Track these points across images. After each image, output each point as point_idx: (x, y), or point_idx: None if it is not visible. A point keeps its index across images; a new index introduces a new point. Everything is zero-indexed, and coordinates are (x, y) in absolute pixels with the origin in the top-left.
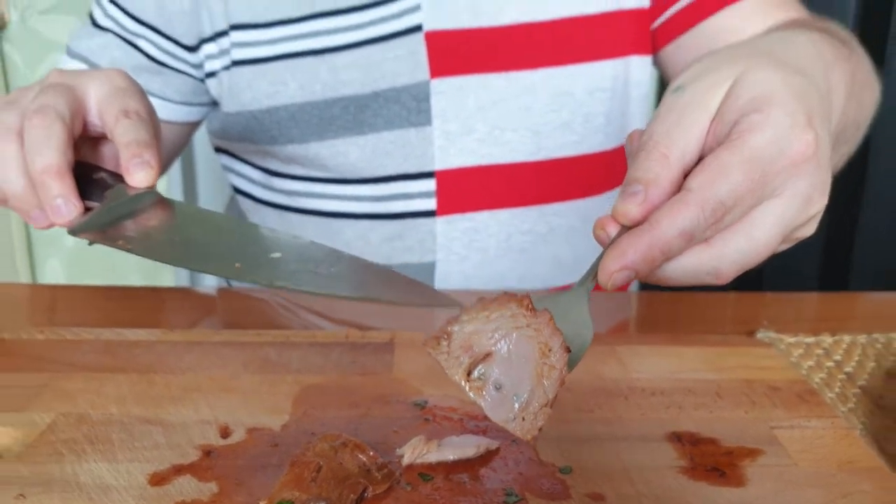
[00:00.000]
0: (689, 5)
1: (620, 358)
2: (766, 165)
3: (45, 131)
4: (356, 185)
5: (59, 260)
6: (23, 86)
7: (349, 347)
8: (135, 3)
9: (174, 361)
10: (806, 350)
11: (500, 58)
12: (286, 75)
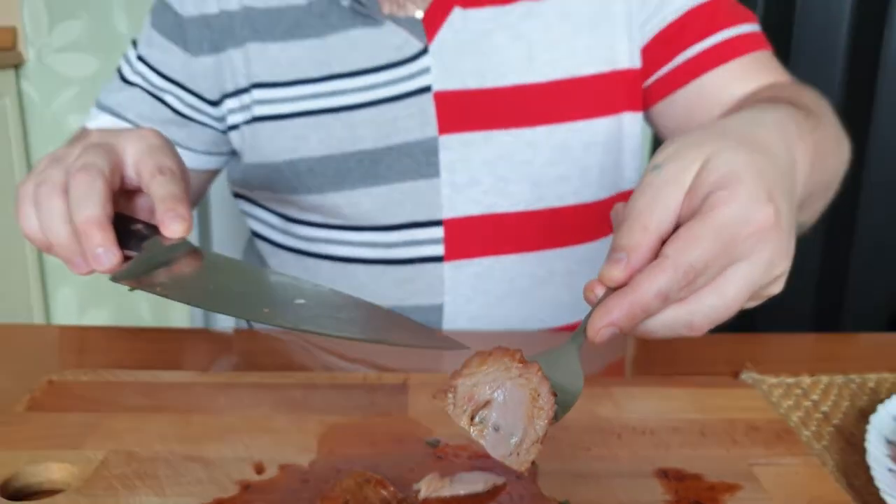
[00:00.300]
0: (677, 67)
1: (615, 398)
2: (732, 234)
3: (88, 187)
4: (370, 232)
5: (72, 288)
6: (38, 117)
7: (367, 389)
8: (162, 61)
9: (209, 402)
10: (786, 390)
11: (504, 116)
12: (306, 131)
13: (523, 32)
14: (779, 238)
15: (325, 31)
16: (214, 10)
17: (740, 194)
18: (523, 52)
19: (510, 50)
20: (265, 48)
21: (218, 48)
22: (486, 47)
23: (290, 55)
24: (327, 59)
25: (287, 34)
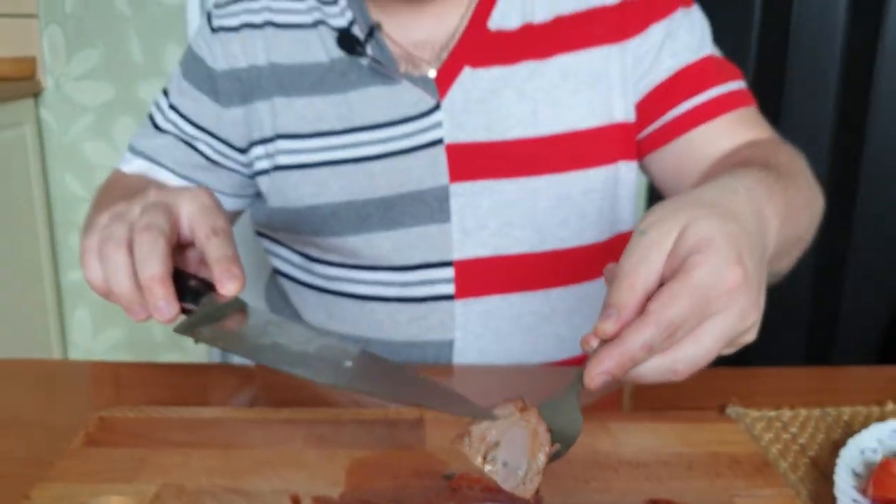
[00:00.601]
0: (668, 122)
1: (612, 433)
2: (706, 293)
3: (151, 246)
4: (386, 272)
5: (87, 309)
6: (56, 143)
7: (388, 424)
8: (194, 110)
9: (245, 437)
10: (767, 423)
11: (509, 166)
12: (328, 178)
13: (528, 90)
14: (748, 295)
15: (346, 88)
16: (243, 65)
17: (713, 258)
18: (528, 108)
19: (516, 106)
20: (291, 102)
21: (246, 100)
22: (494, 103)
23: (314, 109)
24: (348, 113)
25: (311, 89)
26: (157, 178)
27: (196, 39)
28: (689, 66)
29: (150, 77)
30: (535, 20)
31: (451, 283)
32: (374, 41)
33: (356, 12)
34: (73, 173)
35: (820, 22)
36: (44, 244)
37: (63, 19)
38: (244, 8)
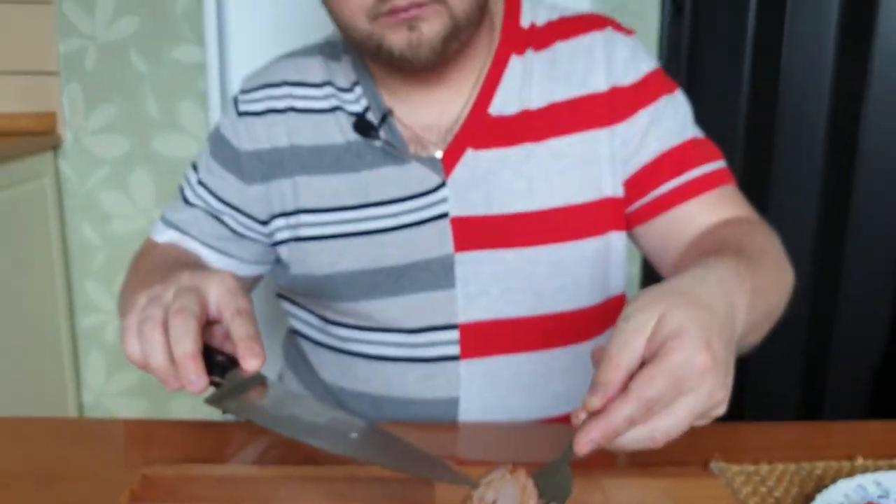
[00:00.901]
0: (653, 200)
1: (604, 489)
2: (679, 374)
3: (184, 327)
4: (396, 334)
5: (101, 354)
6: (73, 194)
7: (400, 482)
8: (220, 186)
9: (273, 493)
10: (747, 478)
11: (509, 237)
12: (343, 249)
13: (524, 170)
14: (715, 377)
15: (361, 167)
16: (266, 147)
17: (686, 343)
18: (524, 185)
19: (514, 183)
20: (311, 180)
21: (268, 178)
22: (494, 181)
23: (331, 186)
24: (363, 190)
25: (329, 168)
26: (186, 247)
27: (223, 121)
28: (673, 148)
29: (164, 131)
30: (532, 107)
31: (456, 344)
32: (387, 126)
33: (370, 100)
34: (89, 222)
35: (808, 72)
36: (60, 290)
37: (83, 76)
38: (268, 94)
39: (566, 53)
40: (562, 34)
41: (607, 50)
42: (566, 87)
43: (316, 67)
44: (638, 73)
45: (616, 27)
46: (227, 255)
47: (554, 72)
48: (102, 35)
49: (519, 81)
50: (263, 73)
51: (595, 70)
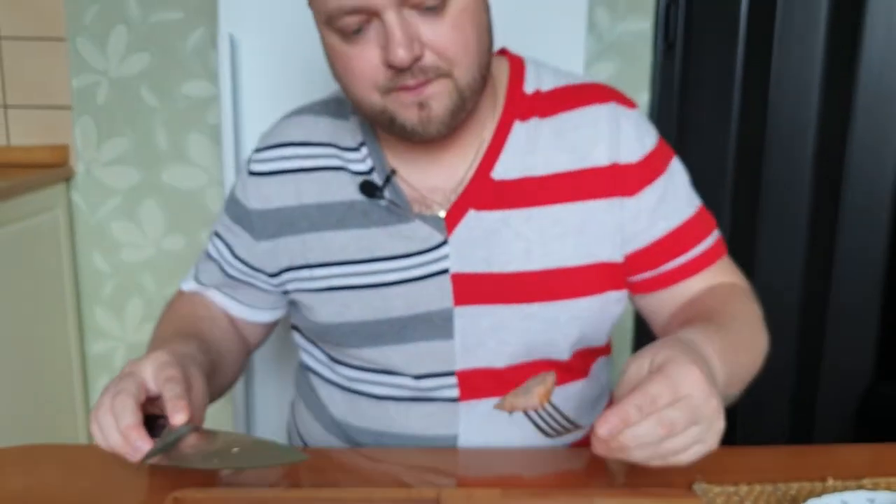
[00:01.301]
0: (657, 276)
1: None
2: (674, 381)
3: (123, 405)
4: (399, 377)
5: (109, 378)
6: (84, 224)
7: (410, 502)
8: (234, 242)
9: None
10: (727, 498)
11: (506, 294)
12: (350, 301)
13: (523, 232)
14: (707, 382)
15: (367, 224)
16: (275, 206)
17: (678, 360)
18: (522, 247)
19: (512, 244)
20: (319, 236)
21: (277, 235)
22: (494, 241)
23: (339, 242)
24: (369, 246)
25: (336, 225)
26: (206, 295)
27: (238, 181)
28: (678, 228)
29: (173, 162)
30: (534, 174)
31: (455, 388)
32: (391, 186)
33: (375, 161)
34: (99, 251)
35: (795, 106)
36: (71, 318)
37: (95, 110)
38: (277, 155)
39: (571, 125)
40: (567, 104)
41: (612, 126)
42: (569, 158)
43: (322, 127)
44: (643, 150)
45: (620, 100)
46: (243, 303)
47: (558, 142)
48: (114, 71)
49: (522, 148)
50: (274, 134)
51: (598, 144)
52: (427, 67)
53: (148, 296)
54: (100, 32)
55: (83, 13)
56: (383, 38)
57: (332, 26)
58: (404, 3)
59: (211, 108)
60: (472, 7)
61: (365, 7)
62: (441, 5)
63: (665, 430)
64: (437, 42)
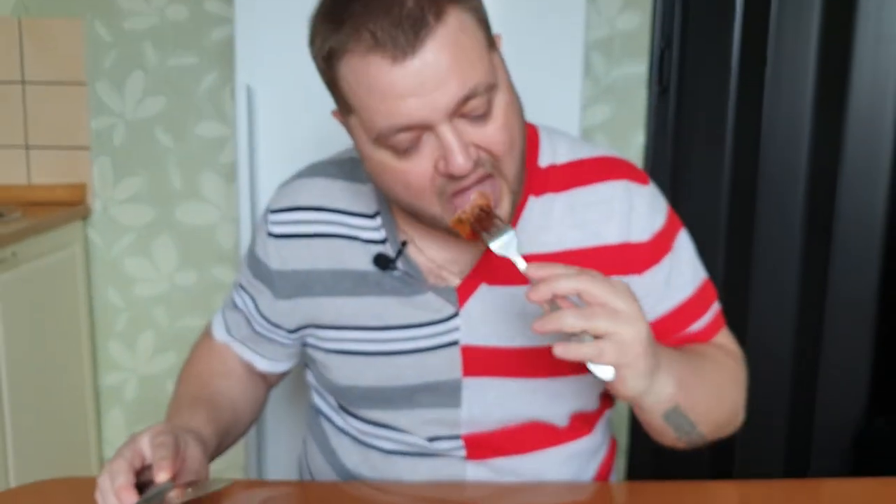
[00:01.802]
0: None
1: None
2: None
3: (118, 468)
4: (409, 435)
5: (121, 411)
6: (100, 260)
7: None
8: (257, 297)
9: None
10: None
11: (513, 368)
12: (363, 366)
13: (529, 309)
14: (641, 338)
15: (381, 293)
16: (292, 268)
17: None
18: (529, 323)
19: (520, 319)
20: (333, 301)
21: (296, 295)
22: (503, 316)
23: (351, 308)
24: (382, 314)
25: (350, 291)
26: (233, 349)
27: (257, 238)
28: (685, 302)
29: (186, 200)
30: (546, 250)
31: (462, 449)
32: (404, 257)
33: (388, 231)
34: (114, 286)
35: (786, 145)
36: (85, 351)
37: (111, 151)
38: (293, 218)
39: (584, 202)
40: (581, 180)
41: (624, 205)
42: (581, 235)
43: (336, 193)
44: (653, 228)
45: (632, 177)
46: (265, 357)
47: (571, 219)
48: (131, 113)
49: (536, 224)
50: (290, 195)
51: (610, 222)
52: (480, 166)
53: (160, 329)
54: (118, 77)
55: (103, 59)
56: (438, 149)
57: (382, 144)
58: (455, 114)
59: (223, 148)
60: (509, 102)
61: (419, 123)
62: (488, 111)
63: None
64: (488, 144)
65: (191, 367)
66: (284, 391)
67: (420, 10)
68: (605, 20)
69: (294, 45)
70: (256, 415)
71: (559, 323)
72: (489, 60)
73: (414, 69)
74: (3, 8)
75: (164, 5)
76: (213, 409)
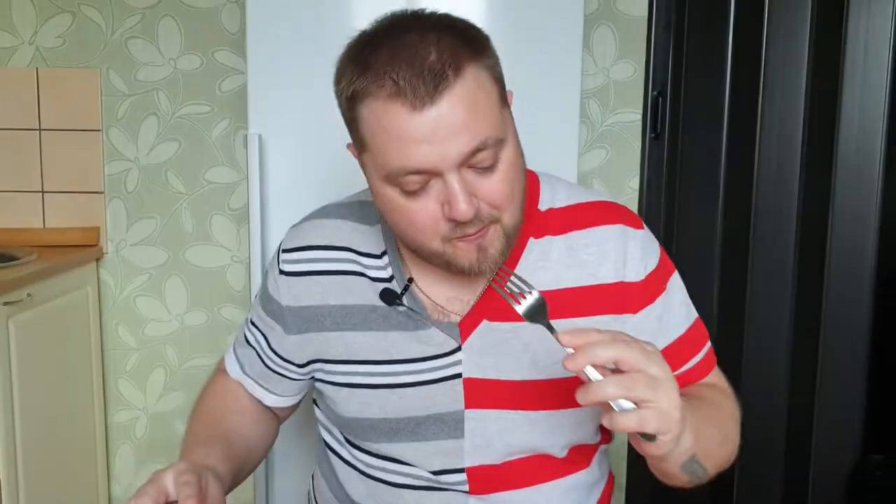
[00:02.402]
0: None
1: None
2: (657, 378)
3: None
4: (413, 468)
5: (130, 448)
6: (112, 300)
7: None
8: (268, 333)
9: None
10: None
11: (514, 400)
12: (370, 399)
13: (530, 343)
14: (677, 402)
15: (387, 328)
16: (303, 304)
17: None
18: (530, 357)
19: (521, 354)
20: (341, 335)
21: (305, 330)
22: (504, 350)
23: (359, 342)
24: (388, 348)
25: (357, 326)
26: (245, 386)
27: (270, 277)
28: (674, 343)
29: (198, 242)
30: (544, 288)
31: (465, 483)
32: (409, 294)
33: (395, 270)
34: (125, 326)
35: (779, 185)
36: (97, 388)
37: (125, 195)
38: (304, 257)
39: (581, 243)
40: (579, 224)
41: (619, 247)
42: (578, 274)
43: (344, 233)
44: (646, 270)
45: (627, 221)
46: (275, 393)
47: (569, 259)
48: (144, 159)
49: (535, 263)
50: (300, 235)
51: (606, 263)
52: (483, 216)
53: (170, 368)
54: (132, 124)
55: (118, 107)
56: (444, 194)
57: (391, 182)
58: (462, 165)
59: (233, 192)
60: (515, 156)
61: (429, 170)
62: (494, 163)
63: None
64: (490, 195)
65: (204, 403)
66: (293, 426)
67: (441, 65)
68: (600, 70)
69: (303, 97)
70: (267, 450)
71: (601, 394)
72: (500, 116)
73: (430, 119)
74: (22, 60)
75: (178, 56)
76: (227, 446)
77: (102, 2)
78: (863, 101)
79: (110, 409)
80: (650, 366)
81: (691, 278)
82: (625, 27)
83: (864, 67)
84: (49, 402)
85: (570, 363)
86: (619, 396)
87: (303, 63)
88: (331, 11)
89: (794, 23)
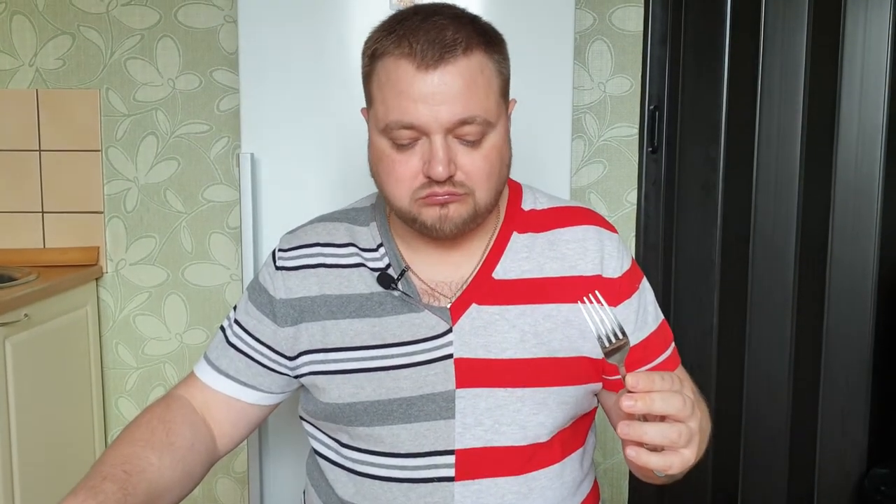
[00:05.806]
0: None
1: None
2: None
3: None
4: (401, 459)
5: None
6: (111, 319)
7: None
8: (256, 328)
9: None
10: None
11: (502, 379)
12: (363, 383)
13: (518, 324)
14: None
15: (381, 314)
16: (298, 296)
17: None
18: (517, 337)
19: (509, 334)
20: (337, 323)
21: (299, 321)
22: (492, 331)
23: (355, 329)
24: (382, 333)
25: (354, 313)
26: (218, 387)
27: (262, 273)
28: (646, 339)
29: (197, 261)
30: (529, 276)
31: (451, 468)
32: (405, 280)
33: (391, 259)
34: (124, 345)
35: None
36: (96, 408)
37: (124, 215)
38: (302, 254)
39: (563, 239)
40: (559, 223)
41: (597, 244)
42: (560, 265)
43: (342, 231)
44: (622, 269)
45: (603, 225)
46: (257, 389)
47: (551, 252)
48: (143, 178)
49: (519, 254)
50: (299, 236)
51: (585, 257)
52: (456, 184)
53: (170, 387)
54: (131, 144)
55: (117, 127)
56: (427, 154)
57: (386, 134)
58: (450, 132)
59: (232, 211)
60: (500, 145)
61: (419, 126)
62: (479, 140)
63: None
64: (469, 167)
65: (128, 433)
66: (285, 447)
67: (454, 42)
68: (596, 85)
69: (296, 115)
70: (186, 492)
71: (642, 436)
72: (496, 105)
73: (431, 81)
74: (22, 81)
75: (176, 76)
76: (123, 488)
77: (102, 23)
78: (861, 116)
79: (110, 428)
80: (691, 419)
81: (691, 291)
82: (620, 42)
83: (862, 83)
84: (47, 423)
85: (629, 407)
86: (658, 443)
87: (296, 81)
88: (323, 31)
89: (791, 36)
